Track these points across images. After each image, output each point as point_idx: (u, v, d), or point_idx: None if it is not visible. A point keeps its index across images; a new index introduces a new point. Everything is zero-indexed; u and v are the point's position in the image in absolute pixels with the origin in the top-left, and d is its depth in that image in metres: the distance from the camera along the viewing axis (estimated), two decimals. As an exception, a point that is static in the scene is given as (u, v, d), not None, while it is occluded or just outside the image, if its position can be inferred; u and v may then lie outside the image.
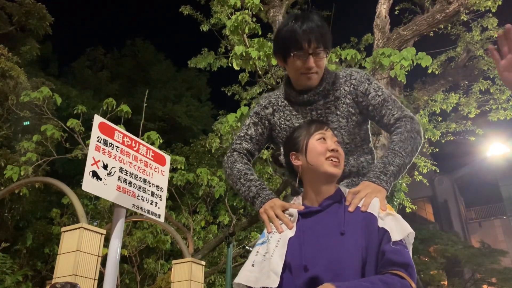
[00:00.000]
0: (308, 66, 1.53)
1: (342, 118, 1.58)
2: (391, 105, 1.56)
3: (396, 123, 1.53)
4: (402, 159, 1.45)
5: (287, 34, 1.56)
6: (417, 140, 1.50)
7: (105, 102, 5.79)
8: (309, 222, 1.34)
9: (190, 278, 4.77)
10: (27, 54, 11.17)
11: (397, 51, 4.61)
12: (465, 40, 8.64)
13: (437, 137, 8.45)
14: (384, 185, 1.38)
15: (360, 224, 1.25)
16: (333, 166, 1.37)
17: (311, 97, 1.59)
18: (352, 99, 1.59)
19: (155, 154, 3.26)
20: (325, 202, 1.37)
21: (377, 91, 1.58)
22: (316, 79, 1.57)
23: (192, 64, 8.71)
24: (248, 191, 1.52)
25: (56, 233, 8.47)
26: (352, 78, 1.61)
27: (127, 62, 18.15)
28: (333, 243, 1.24)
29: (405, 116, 1.54)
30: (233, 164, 1.61)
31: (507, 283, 13.34)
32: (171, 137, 14.36)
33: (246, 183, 1.54)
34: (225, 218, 8.69)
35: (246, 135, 1.69)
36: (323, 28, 1.55)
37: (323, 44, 1.53)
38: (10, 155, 8.13)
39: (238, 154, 1.65)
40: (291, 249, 1.30)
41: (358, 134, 1.62)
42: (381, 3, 7.57)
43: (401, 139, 1.48)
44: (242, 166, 1.60)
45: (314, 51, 1.52)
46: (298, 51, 1.52)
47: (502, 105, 8.77)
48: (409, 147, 1.47)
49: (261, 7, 4.99)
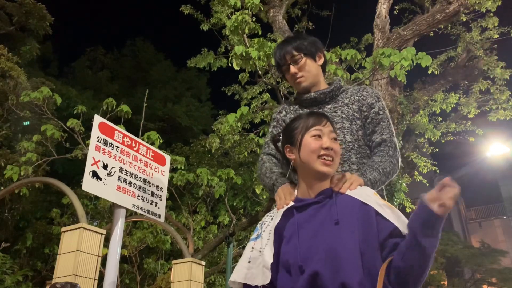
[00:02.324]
0: (291, 74, 1.80)
1: (346, 120, 1.71)
2: (385, 126, 1.71)
3: (381, 145, 1.67)
4: (379, 176, 1.56)
5: (275, 61, 1.89)
6: (396, 166, 1.65)
7: (105, 102, 5.78)
8: (305, 216, 1.34)
9: (190, 278, 4.77)
10: (27, 54, 11.15)
11: (397, 51, 4.60)
12: (465, 40, 8.64)
13: (437, 137, 8.46)
14: (365, 180, 1.48)
15: (356, 215, 1.25)
16: (325, 165, 1.36)
17: (317, 95, 1.77)
18: (358, 107, 1.74)
19: (155, 154, 3.25)
20: (320, 195, 1.37)
21: (380, 109, 1.75)
22: (305, 81, 1.80)
23: (192, 64, 8.70)
24: (269, 180, 1.68)
25: (56, 233, 8.46)
26: (364, 91, 1.79)
27: (127, 62, 18.14)
28: (328, 234, 1.24)
29: (391, 141, 1.68)
30: (262, 165, 1.79)
31: (507, 283, 13.33)
32: (171, 137, 14.35)
33: (270, 175, 1.70)
34: (225, 218, 8.69)
35: (271, 138, 1.86)
36: (298, 40, 1.82)
37: (297, 50, 1.79)
38: (10, 155, 8.12)
39: (267, 157, 1.83)
40: (289, 247, 1.30)
41: (362, 138, 1.71)
42: (381, 3, 7.57)
43: (382, 160, 1.61)
44: (269, 164, 1.77)
45: (291, 60, 1.79)
46: (282, 67, 1.84)
47: (502, 105, 8.77)
48: (387, 168, 1.60)
49: (261, 7, 4.99)
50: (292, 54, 1.78)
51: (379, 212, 1.25)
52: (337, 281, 1.15)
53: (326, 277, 1.16)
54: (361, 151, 1.68)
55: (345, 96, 1.78)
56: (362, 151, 1.68)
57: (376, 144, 1.68)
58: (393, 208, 1.29)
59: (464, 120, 9.31)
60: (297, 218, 1.34)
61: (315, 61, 1.81)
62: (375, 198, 1.30)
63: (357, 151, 1.67)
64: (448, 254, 13.99)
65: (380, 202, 1.29)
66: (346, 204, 1.30)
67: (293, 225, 1.33)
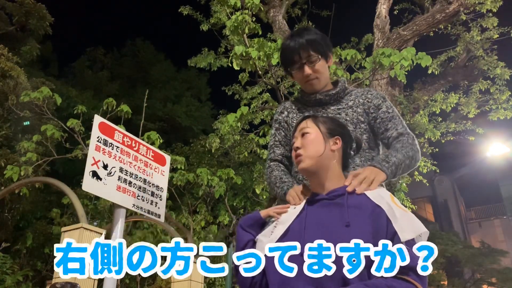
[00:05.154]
0: (305, 75, 1.69)
1: (350, 124, 1.66)
2: (397, 121, 1.66)
3: (399, 137, 1.61)
4: (403, 158, 1.49)
5: (282, 54, 1.78)
6: (417, 154, 1.58)
7: (105, 102, 5.78)
8: (314, 208, 1.34)
9: (190, 278, 4.77)
10: (27, 54, 11.15)
11: (397, 51, 4.60)
12: (465, 40, 8.63)
13: (437, 137, 8.45)
14: (385, 170, 1.41)
15: (369, 218, 1.21)
16: (297, 164, 1.44)
17: (323, 96, 1.71)
18: (364, 110, 1.70)
19: (155, 154, 3.25)
20: (332, 192, 1.36)
21: (388, 108, 1.69)
22: (318, 83, 1.71)
23: (192, 64, 8.71)
24: (281, 190, 1.63)
25: (56, 233, 8.46)
26: (369, 93, 1.73)
27: (127, 62, 18.13)
28: (337, 234, 1.19)
29: (408, 133, 1.63)
30: (271, 173, 1.73)
31: (507, 283, 13.33)
32: (171, 137, 14.35)
33: (281, 185, 1.65)
34: (225, 218, 8.68)
35: (275, 142, 1.81)
36: (314, 37, 1.69)
37: (314, 51, 1.67)
38: (10, 155, 8.12)
39: (274, 164, 1.76)
40: (292, 233, 1.29)
41: (367, 141, 1.67)
42: (381, 3, 7.57)
43: (403, 146, 1.55)
44: (278, 173, 1.71)
45: (307, 59, 1.68)
46: (293, 65, 1.71)
47: (502, 105, 8.77)
48: (410, 152, 1.54)
49: (261, 7, 4.98)
50: (309, 53, 1.67)
51: (388, 215, 1.22)
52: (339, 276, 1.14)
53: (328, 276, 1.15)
54: (365, 155, 1.64)
55: (349, 99, 1.72)
56: (366, 155, 1.64)
57: (393, 138, 1.61)
58: (405, 211, 1.24)
59: (464, 120, 9.30)
60: (307, 209, 1.35)
61: (327, 63, 1.74)
62: (388, 200, 1.27)
63: (361, 154, 1.62)
64: (448, 254, 13.98)
65: (391, 205, 1.25)
66: (359, 204, 1.26)
67: (301, 216, 1.34)
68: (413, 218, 1.22)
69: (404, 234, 1.16)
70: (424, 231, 1.19)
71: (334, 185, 1.37)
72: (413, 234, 1.17)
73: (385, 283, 1.08)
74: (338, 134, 1.46)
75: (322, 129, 1.45)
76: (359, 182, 1.33)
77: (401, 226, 1.18)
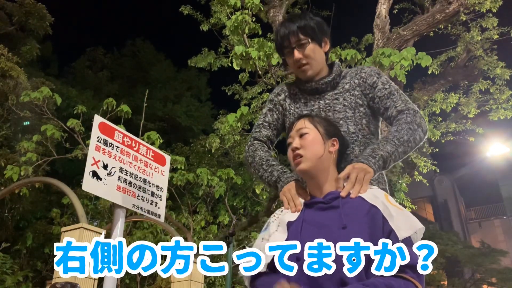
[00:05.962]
0: (295, 59, 1.63)
1: (349, 109, 1.60)
2: (396, 98, 1.58)
3: (398, 116, 1.54)
4: (394, 147, 1.44)
5: (275, 40, 1.71)
6: (417, 132, 1.50)
7: (105, 102, 5.78)
8: (311, 212, 1.33)
9: (190, 278, 4.77)
10: (27, 54, 11.14)
11: (397, 51, 4.61)
12: (465, 40, 8.64)
13: (437, 137, 8.46)
14: (372, 166, 1.38)
15: (365, 219, 1.21)
16: (296, 165, 1.40)
17: (319, 85, 1.65)
18: (361, 91, 1.63)
19: (155, 154, 3.25)
20: (328, 195, 1.35)
21: (384, 84, 1.61)
22: (310, 70, 1.65)
23: (192, 63, 8.72)
24: (270, 176, 1.57)
25: (56, 233, 8.46)
26: (362, 72, 1.66)
27: (127, 62, 18.12)
28: (334, 236, 1.19)
29: (408, 109, 1.55)
30: (255, 152, 1.67)
31: (507, 283, 13.34)
32: (171, 137, 14.34)
33: (268, 168, 1.59)
34: (225, 218, 8.68)
35: (264, 122, 1.75)
36: (305, 21, 1.63)
37: (304, 34, 1.60)
38: (10, 155, 8.12)
39: (258, 143, 1.70)
40: (290, 236, 1.29)
41: (367, 126, 1.62)
42: (381, 3, 7.57)
43: (398, 129, 1.48)
44: (264, 153, 1.65)
45: (296, 43, 1.61)
46: (284, 50, 1.66)
47: (502, 105, 8.78)
48: (404, 136, 1.46)
49: (261, 7, 4.98)
50: (298, 37, 1.60)
51: (384, 214, 1.22)
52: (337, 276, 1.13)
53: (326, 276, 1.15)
54: (365, 141, 1.60)
55: (344, 81, 1.66)
56: (366, 141, 1.60)
57: (393, 118, 1.55)
58: (401, 209, 1.24)
59: (464, 120, 9.31)
60: (304, 213, 1.34)
61: (321, 48, 1.66)
62: (382, 199, 1.27)
63: (361, 142, 1.58)
64: (448, 254, 13.99)
65: (386, 204, 1.25)
66: (355, 206, 1.27)
67: (299, 219, 1.33)
68: (409, 216, 1.23)
69: (401, 232, 1.17)
70: (420, 227, 1.20)
71: (330, 187, 1.38)
72: (410, 231, 1.18)
73: (384, 282, 1.09)
74: (335, 135, 1.45)
75: (320, 129, 1.43)
76: (352, 185, 1.33)
77: (397, 224, 1.18)
